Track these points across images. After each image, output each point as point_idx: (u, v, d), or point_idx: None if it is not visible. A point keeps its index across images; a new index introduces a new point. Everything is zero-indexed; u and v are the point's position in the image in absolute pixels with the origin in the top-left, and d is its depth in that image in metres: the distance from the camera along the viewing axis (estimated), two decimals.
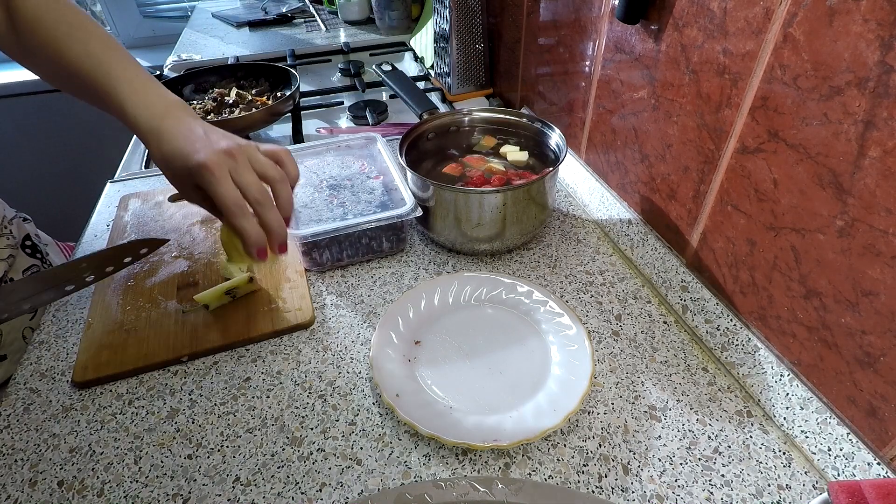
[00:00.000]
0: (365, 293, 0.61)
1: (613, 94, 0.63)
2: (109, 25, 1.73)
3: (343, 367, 0.53)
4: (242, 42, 1.32)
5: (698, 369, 0.52)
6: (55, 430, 0.48)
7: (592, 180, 0.71)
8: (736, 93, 0.45)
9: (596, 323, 0.57)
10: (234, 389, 0.51)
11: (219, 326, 0.56)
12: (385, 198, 0.65)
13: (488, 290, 0.59)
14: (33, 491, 0.44)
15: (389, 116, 0.99)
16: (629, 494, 0.42)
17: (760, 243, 0.46)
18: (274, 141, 0.94)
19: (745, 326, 0.50)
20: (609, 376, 0.51)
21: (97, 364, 0.52)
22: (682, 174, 0.54)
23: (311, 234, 0.58)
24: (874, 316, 0.37)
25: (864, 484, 0.30)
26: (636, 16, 0.54)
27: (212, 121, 0.85)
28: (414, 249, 0.68)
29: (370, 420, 0.48)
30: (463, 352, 0.53)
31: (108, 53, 0.51)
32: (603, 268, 0.64)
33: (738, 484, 0.43)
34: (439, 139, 0.73)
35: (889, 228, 0.35)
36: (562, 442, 0.46)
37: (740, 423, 0.47)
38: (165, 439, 0.47)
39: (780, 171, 0.42)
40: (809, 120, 0.39)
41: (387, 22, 1.30)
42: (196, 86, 0.98)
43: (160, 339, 0.55)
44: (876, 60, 0.33)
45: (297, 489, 0.43)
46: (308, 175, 0.70)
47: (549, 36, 0.75)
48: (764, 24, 0.41)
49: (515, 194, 0.59)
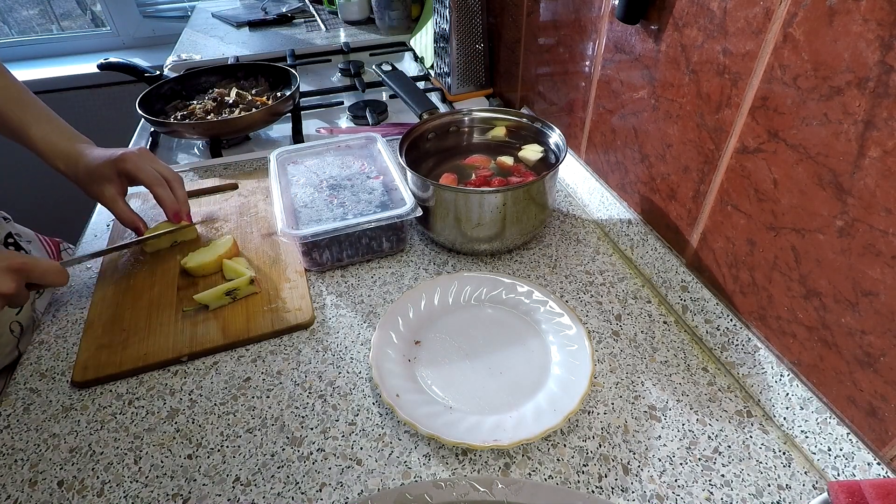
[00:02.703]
0: (365, 293, 0.61)
1: (613, 94, 0.63)
2: (109, 25, 1.73)
3: (343, 367, 0.53)
4: (242, 42, 1.32)
5: (698, 369, 0.52)
6: (55, 430, 0.48)
7: (592, 180, 0.71)
8: (736, 93, 0.45)
9: (596, 323, 0.57)
10: (234, 389, 0.51)
11: (218, 326, 0.56)
12: (385, 198, 0.65)
13: (488, 290, 0.59)
14: (33, 491, 0.44)
15: (389, 116, 0.99)
16: (629, 494, 0.42)
17: (760, 243, 0.46)
18: (274, 141, 0.94)
19: (745, 326, 0.50)
20: (609, 376, 0.51)
21: (97, 364, 0.52)
22: (682, 174, 0.54)
23: (311, 234, 0.58)
24: (874, 316, 0.37)
25: (864, 484, 0.30)
26: (636, 16, 0.54)
27: (212, 121, 0.85)
28: (414, 249, 0.68)
29: (370, 420, 0.48)
30: (463, 352, 0.53)
31: (20, 93, 0.64)
32: (603, 268, 0.64)
33: (738, 484, 0.43)
34: (439, 139, 0.73)
35: (889, 228, 0.35)
36: (562, 442, 0.46)
37: (740, 423, 0.47)
38: (165, 439, 0.47)
39: (780, 171, 0.42)
40: (809, 120, 0.39)
41: (387, 22, 1.30)
42: (196, 86, 0.98)
43: (160, 338, 0.55)
44: (876, 60, 0.33)
45: (297, 489, 0.43)
46: (308, 175, 0.70)
47: (549, 36, 0.75)
48: (764, 24, 0.41)
49: (515, 194, 0.59)
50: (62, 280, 0.55)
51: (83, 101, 1.64)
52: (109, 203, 0.62)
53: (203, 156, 0.90)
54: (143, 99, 0.87)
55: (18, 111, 0.62)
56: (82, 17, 1.77)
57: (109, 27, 1.74)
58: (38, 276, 0.53)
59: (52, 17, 1.73)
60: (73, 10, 1.75)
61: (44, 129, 0.62)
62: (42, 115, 0.63)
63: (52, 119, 0.64)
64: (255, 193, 0.77)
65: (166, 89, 0.94)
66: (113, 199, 0.62)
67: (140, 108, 0.84)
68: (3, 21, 1.68)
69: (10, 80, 0.64)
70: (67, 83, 1.60)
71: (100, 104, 1.66)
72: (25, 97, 0.63)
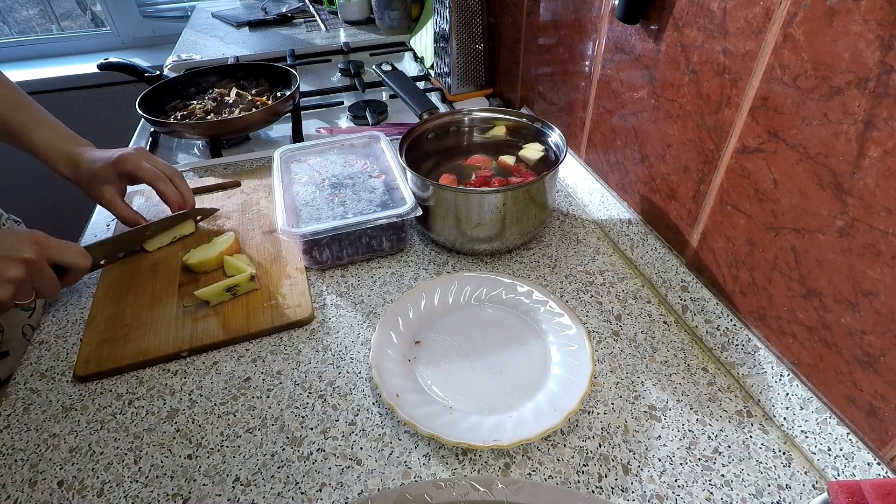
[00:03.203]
0: (365, 293, 0.61)
1: (613, 94, 0.63)
2: (109, 25, 1.73)
3: (343, 367, 0.53)
4: (242, 42, 1.32)
5: (698, 369, 0.52)
6: (55, 430, 0.48)
7: (592, 180, 0.71)
8: (736, 93, 0.45)
9: (596, 323, 0.57)
10: (234, 389, 0.51)
11: (219, 322, 0.56)
12: (386, 197, 0.65)
13: (488, 290, 0.59)
14: (33, 491, 0.44)
15: (389, 116, 0.99)
16: (629, 494, 0.42)
17: (760, 243, 0.46)
18: (274, 141, 0.94)
19: (745, 326, 0.50)
20: (609, 376, 0.51)
21: (98, 358, 0.53)
22: (682, 174, 0.54)
23: (311, 233, 0.58)
24: (874, 316, 0.37)
25: (864, 484, 0.30)
26: (636, 16, 0.54)
27: (212, 121, 0.85)
28: (414, 249, 0.68)
29: (370, 420, 0.48)
30: (463, 352, 0.53)
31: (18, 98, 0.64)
32: (603, 268, 0.64)
33: (737, 484, 0.43)
34: (439, 139, 0.73)
35: (889, 228, 0.35)
36: (562, 442, 0.46)
37: (740, 423, 0.47)
38: (165, 439, 0.47)
39: (780, 171, 0.42)
40: (809, 120, 0.39)
41: (387, 22, 1.30)
42: (196, 86, 0.98)
43: (161, 334, 0.55)
44: (876, 60, 0.33)
45: (297, 489, 0.43)
46: (311, 173, 0.70)
47: (549, 36, 0.75)
48: (764, 24, 0.41)
49: (515, 194, 0.59)
50: (84, 261, 0.54)
51: (83, 101, 1.64)
52: (109, 203, 0.63)
53: (203, 156, 0.90)
54: (143, 99, 0.87)
55: (20, 117, 0.62)
56: (82, 17, 1.77)
57: (109, 27, 1.74)
58: (58, 251, 0.52)
59: (51, 17, 1.73)
60: (73, 10, 1.75)
61: (45, 134, 0.63)
62: (42, 120, 0.64)
63: (52, 124, 0.64)
64: (257, 191, 0.77)
65: (166, 89, 0.94)
66: (112, 200, 0.63)
67: (140, 108, 0.84)
68: (3, 21, 1.68)
69: (9, 86, 0.64)
70: (67, 83, 1.60)
71: (100, 104, 1.66)
72: (24, 102, 0.64)
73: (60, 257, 0.52)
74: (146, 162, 0.64)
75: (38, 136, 0.62)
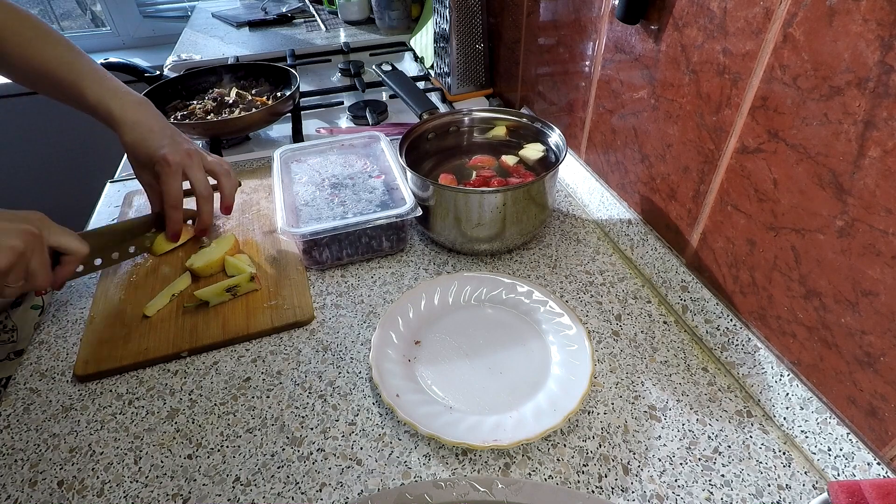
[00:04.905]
0: (365, 293, 0.61)
1: (613, 94, 0.63)
2: (109, 25, 1.73)
3: (343, 367, 0.53)
4: (242, 42, 1.32)
5: (698, 369, 0.52)
6: (55, 430, 0.48)
7: (592, 180, 0.71)
8: (736, 93, 0.45)
9: (596, 323, 0.57)
10: (234, 389, 0.51)
11: (219, 322, 0.56)
12: (386, 197, 0.65)
13: (488, 290, 0.59)
14: (33, 491, 0.44)
15: (389, 116, 0.99)
16: (629, 494, 0.42)
17: (760, 243, 0.46)
18: (274, 141, 0.94)
19: (745, 326, 0.50)
20: (609, 376, 0.51)
21: (98, 358, 0.53)
22: (682, 174, 0.54)
23: (311, 233, 0.58)
24: (874, 316, 0.37)
25: (864, 484, 0.30)
26: (636, 16, 0.54)
27: (212, 121, 0.85)
28: (414, 249, 0.68)
29: (370, 420, 0.48)
30: (463, 352, 0.53)
31: (73, 54, 0.61)
32: (603, 268, 0.64)
33: (738, 484, 0.43)
34: (439, 139, 0.73)
35: (889, 228, 0.35)
36: (562, 442, 0.46)
37: (740, 423, 0.47)
38: (165, 439, 0.47)
39: (780, 171, 0.42)
40: (809, 120, 0.39)
41: (387, 22, 1.30)
42: (196, 86, 0.98)
43: (161, 334, 0.55)
44: (876, 60, 0.33)
45: (297, 489, 0.43)
46: (311, 173, 0.70)
47: (549, 36, 0.75)
48: (764, 24, 0.41)
49: (515, 194, 0.59)
50: (81, 246, 0.54)
51: None
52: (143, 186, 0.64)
53: None
54: None
55: (72, 75, 0.60)
56: (82, 17, 1.77)
57: (109, 27, 1.74)
58: (58, 231, 0.52)
59: (52, 17, 1.73)
60: (73, 10, 1.75)
61: (97, 91, 0.60)
62: (103, 84, 0.61)
63: (106, 85, 0.61)
64: (257, 191, 0.77)
65: (166, 89, 0.94)
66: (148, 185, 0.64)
67: None
68: None
69: (61, 41, 0.61)
70: None
71: None
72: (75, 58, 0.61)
73: (59, 238, 0.52)
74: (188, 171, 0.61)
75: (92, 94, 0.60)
